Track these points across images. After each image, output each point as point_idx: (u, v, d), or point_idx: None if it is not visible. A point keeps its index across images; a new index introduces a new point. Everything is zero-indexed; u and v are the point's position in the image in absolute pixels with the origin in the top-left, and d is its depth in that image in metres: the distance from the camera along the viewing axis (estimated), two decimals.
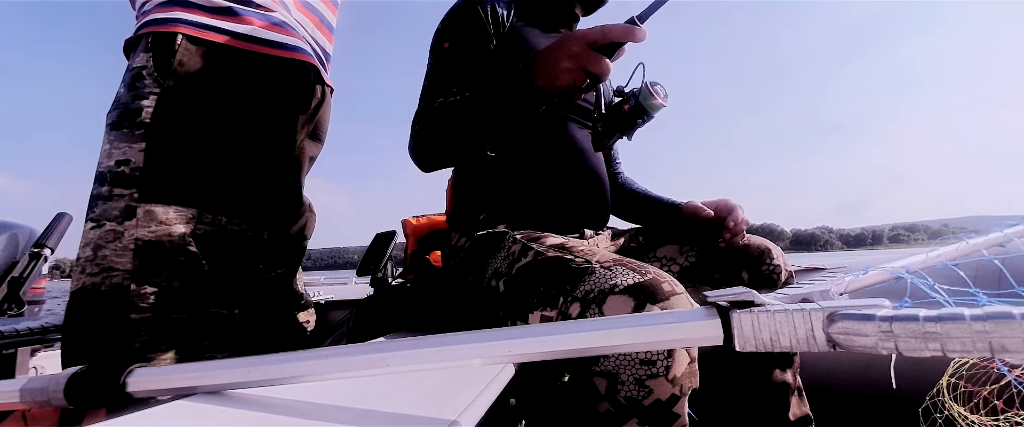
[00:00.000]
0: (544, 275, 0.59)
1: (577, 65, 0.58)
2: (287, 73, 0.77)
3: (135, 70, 0.68)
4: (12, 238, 1.33)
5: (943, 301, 0.64)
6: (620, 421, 0.49)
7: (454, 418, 0.36)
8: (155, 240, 0.64)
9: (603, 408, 0.50)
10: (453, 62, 0.78)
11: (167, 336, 0.64)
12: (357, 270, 1.19)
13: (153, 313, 0.63)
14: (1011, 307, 0.28)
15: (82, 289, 0.63)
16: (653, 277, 0.51)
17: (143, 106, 0.66)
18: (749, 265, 0.81)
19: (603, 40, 0.57)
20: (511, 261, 0.67)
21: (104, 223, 0.64)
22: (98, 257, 0.63)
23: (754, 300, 0.34)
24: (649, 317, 0.36)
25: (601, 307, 0.50)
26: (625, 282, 0.50)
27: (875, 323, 0.30)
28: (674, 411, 0.48)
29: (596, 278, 0.53)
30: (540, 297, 0.58)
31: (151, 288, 0.63)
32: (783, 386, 0.77)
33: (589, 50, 0.57)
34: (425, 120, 0.74)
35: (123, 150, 0.65)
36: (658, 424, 0.48)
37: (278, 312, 0.91)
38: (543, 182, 0.83)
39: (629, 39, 0.57)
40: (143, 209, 0.64)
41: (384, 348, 0.39)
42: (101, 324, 0.62)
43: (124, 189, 0.64)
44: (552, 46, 0.60)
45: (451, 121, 0.70)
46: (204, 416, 0.37)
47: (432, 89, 0.77)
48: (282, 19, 0.79)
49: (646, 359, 0.48)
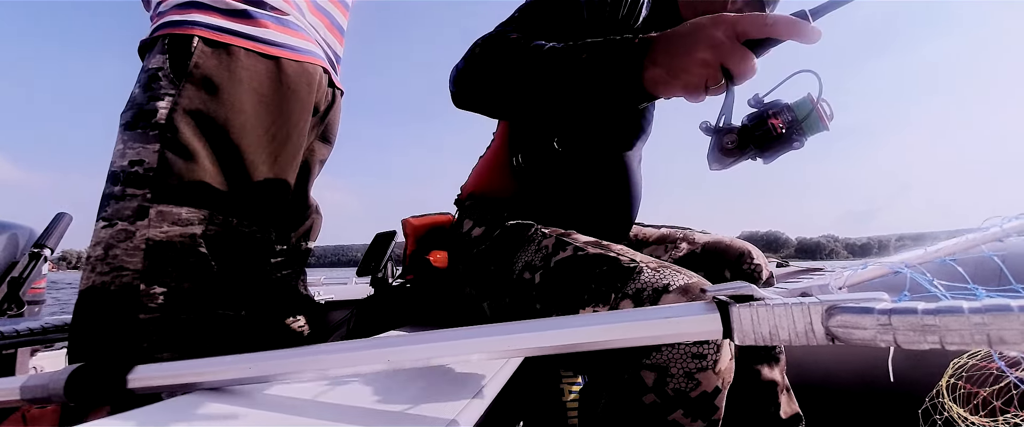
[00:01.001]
0: (592, 271, 0.57)
1: (717, 59, 0.44)
2: (299, 76, 0.77)
3: (151, 71, 0.68)
4: (12, 238, 1.33)
5: (941, 296, 0.64)
6: (666, 412, 0.49)
7: (453, 417, 0.36)
8: (166, 241, 0.64)
9: (649, 400, 0.49)
10: (562, 12, 0.64)
11: (174, 337, 0.64)
12: (357, 270, 1.19)
13: (161, 314, 0.64)
14: (1009, 299, 0.28)
15: (91, 288, 0.63)
16: (698, 279, 0.52)
17: (158, 107, 0.66)
18: (730, 265, 0.82)
19: (760, 34, 0.44)
20: (545, 254, 0.63)
21: (116, 222, 0.64)
22: (109, 256, 0.63)
23: (753, 294, 0.34)
24: (649, 311, 0.36)
25: (655, 303, 0.50)
26: (677, 282, 0.51)
27: (874, 316, 0.30)
28: (715, 403, 0.49)
29: (647, 277, 0.52)
30: (590, 293, 0.56)
31: (160, 288, 0.64)
32: (772, 384, 0.78)
33: (737, 42, 0.44)
34: (491, 48, 0.59)
35: (137, 150, 0.65)
36: (701, 415, 0.48)
37: (283, 314, 0.91)
38: (583, 189, 0.77)
39: (799, 39, 0.44)
40: (155, 209, 0.64)
41: (384, 343, 0.39)
42: (109, 323, 0.62)
43: (137, 189, 0.65)
44: (684, 28, 0.46)
45: (522, 63, 0.56)
46: (206, 412, 0.37)
47: (520, 22, 0.63)
48: (296, 22, 0.79)
49: (698, 353, 0.48)
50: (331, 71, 0.87)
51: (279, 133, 0.75)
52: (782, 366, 0.80)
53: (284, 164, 0.77)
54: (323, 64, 0.83)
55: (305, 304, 0.95)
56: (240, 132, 0.70)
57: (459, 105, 0.64)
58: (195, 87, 0.67)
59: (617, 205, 0.81)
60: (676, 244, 0.88)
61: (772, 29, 0.44)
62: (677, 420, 0.48)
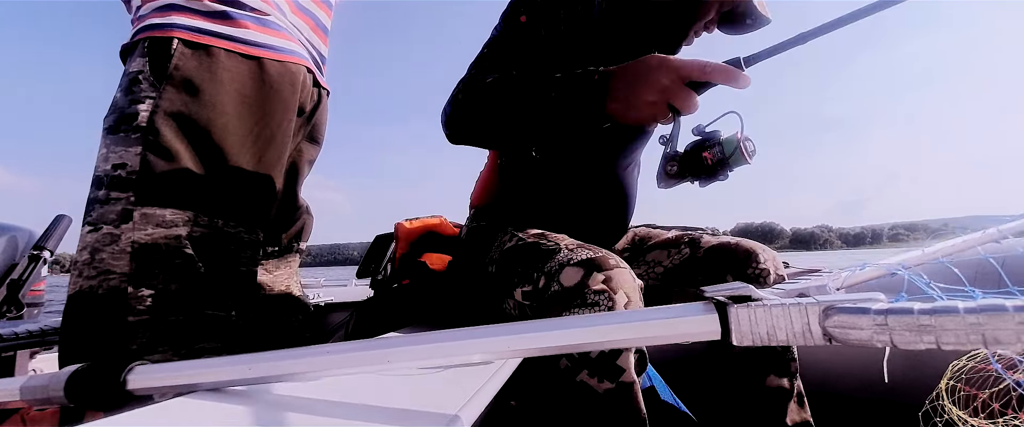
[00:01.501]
0: (523, 256, 0.66)
1: (664, 99, 0.53)
2: (282, 77, 0.77)
3: (131, 74, 0.68)
4: (11, 240, 1.33)
5: (938, 296, 0.64)
6: (575, 374, 0.55)
7: (455, 413, 0.36)
8: (152, 243, 0.65)
9: (563, 365, 0.56)
10: (523, 40, 0.72)
11: (164, 338, 0.65)
12: (357, 272, 1.19)
13: (150, 316, 0.64)
14: (1004, 299, 0.28)
15: (79, 292, 0.63)
16: (603, 254, 0.58)
17: (139, 110, 0.66)
18: (734, 268, 0.79)
19: (700, 77, 0.52)
20: (500, 247, 0.73)
21: (101, 227, 0.64)
22: (95, 260, 0.63)
23: (751, 295, 0.34)
24: (647, 312, 0.36)
25: (559, 277, 0.57)
26: (580, 257, 0.57)
27: (870, 316, 0.30)
28: (618, 364, 0.54)
29: (560, 256, 0.60)
30: (519, 276, 0.64)
31: (148, 290, 0.64)
32: (779, 391, 0.77)
33: (681, 85, 0.52)
34: (472, 91, 0.67)
35: (119, 154, 0.66)
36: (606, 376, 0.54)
37: (277, 314, 0.91)
38: (570, 193, 0.82)
39: (731, 84, 0.51)
40: (140, 212, 0.65)
41: (384, 344, 0.39)
42: (99, 327, 0.62)
43: (121, 193, 0.65)
44: (637, 69, 0.55)
45: (499, 104, 0.64)
46: (204, 413, 0.37)
47: (490, 59, 0.71)
48: (277, 22, 0.79)
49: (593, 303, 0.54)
50: (316, 71, 0.87)
51: (263, 133, 0.75)
52: (793, 374, 0.78)
53: (269, 164, 0.77)
54: (307, 64, 0.83)
55: (298, 304, 0.95)
56: (223, 133, 0.70)
57: (454, 142, 0.72)
58: (176, 89, 0.68)
59: (600, 209, 0.84)
60: (679, 248, 0.87)
61: (709, 75, 0.52)
62: (584, 381, 0.54)
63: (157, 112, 0.66)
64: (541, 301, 0.60)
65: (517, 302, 0.65)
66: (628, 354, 0.55)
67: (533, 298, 0.61)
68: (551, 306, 0.57)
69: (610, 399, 0.54)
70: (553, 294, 0.57)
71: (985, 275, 0.82)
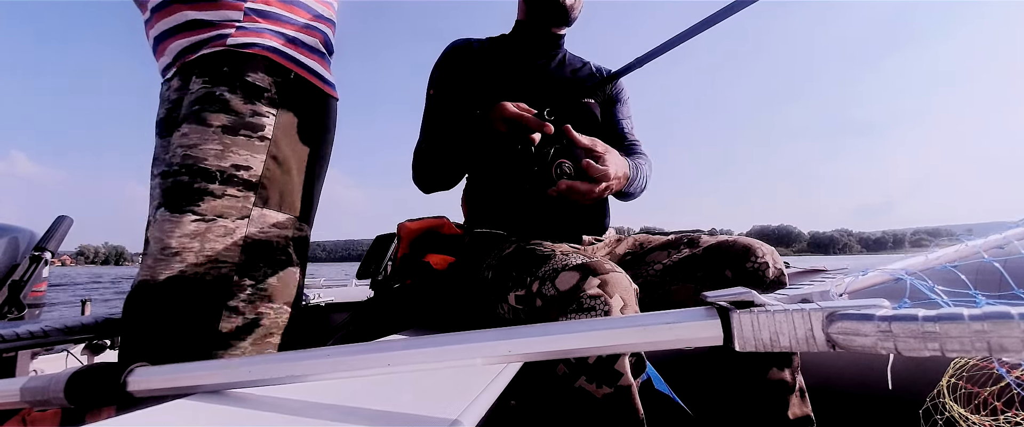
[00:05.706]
0: (517, 262, 0.71)
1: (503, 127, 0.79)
2: (335, 111, 0.92)
3: (251, 84, 0.75)
4: (12, 241, 1.32)
5: (942, 303, 0.64)
6: (573, 381, 0.56)
7: (456, 417, 0.36)
8: (264, 239, 0.74)
9: (561, 371, 0.57)
10: (434, 107, 0.98)
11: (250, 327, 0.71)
12: (357, 273, 1.19)
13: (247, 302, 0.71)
14: (1009, 307, 0.28)
15: (182, 276, 0.67)
16: (598, 260, 0.61)
17: (264, 122, 0.75)
18: (732, 263, 0.80)
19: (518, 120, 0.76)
20: (499, 253, 0.79)
21: (214, 219, 0.70)
22: (206, 249, 0.68)
23: (754, 300, 0.34)
24: (649, 317, 0.36)
25: (554, 281, 0.60)
26: (575, 262, 0.60)
27: (874, 323, 0.30)
28: (615, 369, 0.55)
29: (555, 261, 0.64)
30: (513, 281, 0.68)
31: (250, 281, 0.72)
32: (780, 384, 0.77)
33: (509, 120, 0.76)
34: (417, 158, 0.96)
35: (244, 157, 0.72)
36: (604, 381, 0.55)
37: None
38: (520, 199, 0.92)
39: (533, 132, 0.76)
40: (258, 212, 0.73)
41: (385, 348, 0.39)
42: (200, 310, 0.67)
43: (239, 192, 0.72)
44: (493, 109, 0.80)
45: (434, 158, 0.92)
46: (205, 416, 0.37)
47: (423, 128, 0.99)
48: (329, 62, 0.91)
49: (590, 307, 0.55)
50: None
51: (325, 156, 0.89)
52: (795, 368, 0.78)
53: (322, 180, 0.91)
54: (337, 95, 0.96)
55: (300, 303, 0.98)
56: (313, 155, 0.84)
57: (426, 192, 0.98)
58: (289, 112, 0.79)
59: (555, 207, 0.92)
60: (678, 248, 0.88)
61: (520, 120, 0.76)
62: (583, 386, 0.55)
63: (278, 127, 0.76)
64: (535, 306, 0.61)
65: (511, 306, 0.68)
66: (625, 358, 0.56)
67: (526, 302, 0.63)
68: (547, 310, 0.59)
69: (609, 404, 0.55)
70: (549, 298, 0.59)
71: (987, 279, 0.82)
